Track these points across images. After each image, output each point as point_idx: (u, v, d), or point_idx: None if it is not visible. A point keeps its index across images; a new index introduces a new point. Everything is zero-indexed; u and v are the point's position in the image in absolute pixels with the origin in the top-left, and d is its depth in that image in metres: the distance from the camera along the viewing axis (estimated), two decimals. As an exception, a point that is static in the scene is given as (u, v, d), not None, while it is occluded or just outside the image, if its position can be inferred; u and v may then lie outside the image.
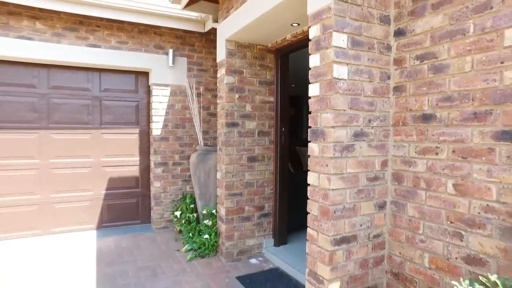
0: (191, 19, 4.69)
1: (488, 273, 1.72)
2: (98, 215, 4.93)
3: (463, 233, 1.89)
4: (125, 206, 5.10)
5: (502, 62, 1.70)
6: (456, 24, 1.91)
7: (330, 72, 2.09)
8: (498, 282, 1.44)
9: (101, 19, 4.51)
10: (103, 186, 4.97)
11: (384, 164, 2.32)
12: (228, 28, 3.61)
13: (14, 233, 4.47)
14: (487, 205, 1.77)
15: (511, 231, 1.67)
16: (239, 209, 3.84)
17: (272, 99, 4.01)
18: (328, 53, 2.10)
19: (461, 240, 1.90)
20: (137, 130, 5.16)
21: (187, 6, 4.01)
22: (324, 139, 2.16)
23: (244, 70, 3.83)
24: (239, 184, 3.83)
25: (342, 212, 2.15)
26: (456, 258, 1.92)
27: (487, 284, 1.49)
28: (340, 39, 2.08)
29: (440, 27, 2.00)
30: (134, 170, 5.14)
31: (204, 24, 4.81)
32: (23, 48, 4.16)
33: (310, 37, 2.26)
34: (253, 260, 3.87)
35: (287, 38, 3.55)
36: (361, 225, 2.24)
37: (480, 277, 1.57)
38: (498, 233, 1.73)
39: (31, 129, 4.52)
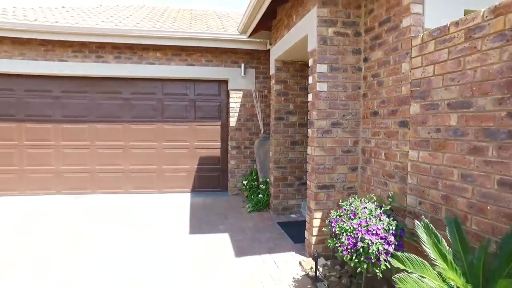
0: (256, 42, 6.37)
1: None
2: (191, 182, 7.05)
3: (388, 182, 3.19)
4: (209, 177, 7.12)
5: (401, 81, 2.98)
6: (386, 57, 3.20)
7: (316, 87, 3.56)
8: (374, 197, 2.79)
9: (196, 46, 6.51)
10: (196, 162, 7.06)
11: (355, 142, 3.68)
12: (275, 52, 5.21)
13: (143, 190, 6.84)
14: (396, 164, 3.06)
15: (404, 178, 2.95)
16: (283, 178, 5.44)
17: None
18: (315, 76, 3.57)
19: (386, 186, 3.20)
20: (219, 123, 7.11)
21: (250, 35, 5.72)
22: (313, 126, 3.64)
23: (288, 80, 5.38)
24: (284, 160, 5.42)
25: (323, 170, 3.61)
26: (385, 197, 3.23)
27: (371, 200, 2.84)
28: (322, 68, 3.53)
29: (380, 58, 3.29)
30: (216, 152, 7.12)
31: (266, 43, 6.45)
32: (149, 70, 6.44)
33: (309, 65, 3.75)
34: (292, 215, 5.44)
35: (316, 57, 4.98)
36: (337, 179, 3.65)
37: (368, 196, 2.92)
38: (399, 180, 3.02)
39: (152, 122, 6.82)
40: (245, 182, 6.41)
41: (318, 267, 3.36)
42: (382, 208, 2.64)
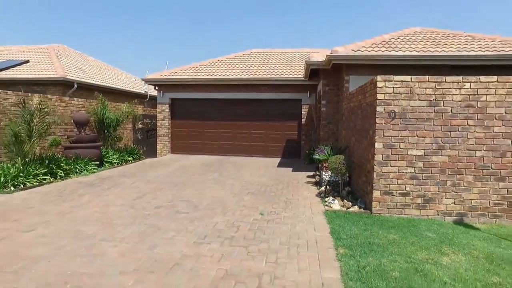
0: (315, 80, 12.52)
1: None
2: (281, 152, 13.66)
3: (342, 141, 9.17)
4: (290, 149, 13.60)
5: (343, 109, 8.96)
6: (341, 99, 9.17)
7: (321, 109, 9.73)
8: (330, 144, 8.90)
9: (284, 84, 13.01)
10: (284, 142, 13.63)
11: (337, 130, 9.70)
12: (318, 88, 11.39)
13: (258, 155, 13.77)
14: (343, 136, 9.05)
15: (341, 139, 8.94)
16: (321, 148, 11.58)
17: (335, 111, 11.49)
18: (320, 105, 9.75)
19: (342, 143, 9.19)
20: (296, 122, 13.52)
21: (309, 79, 11.99)
22: (320, 124, 9.81)
23: (324, 102, 11.49)
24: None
25: (324, 139, 9.75)
26: (340, 145, 9.21)
27: (328, 145, 8.94)
28: (323, 102, 9.70)
29: (342, 99, 9.26)
30: (295, 137, 13.55)
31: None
32: (262, 95, 13.30)
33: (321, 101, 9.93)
34: (325, 165, 11.55)
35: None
36: (328, 144, 9.73)
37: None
38: (343, 140, 9.01)
39: (262, 121, 13.66)
40: (307, 152, 12.69)
41: (317, 172, 9.53)
42: (329, 145, 8.75)
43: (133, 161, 12.27)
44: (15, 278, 3.23)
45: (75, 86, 13.74)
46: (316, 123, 12.03)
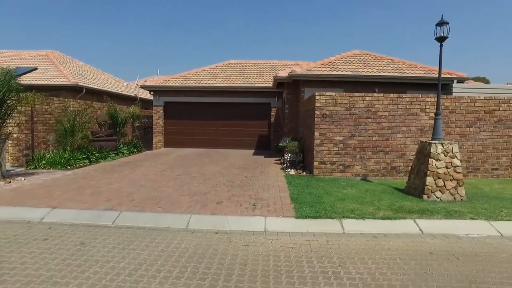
0: (281, 88, 16.07)
1: (298, 140, 12.62)
2: (255, 145, 17.13)
3: (298, 134, 12.75)
4: (262, 143, 17.10)
5: (300, 112, 12.54)
6: (299, 104, 12.75)
7: (285, 112, 13.28)
8: (291, 137, 12.48)
9: (257, 91, 16.48)
10: (257, 137, 17.11)
11: (297, 125, 13.29)
12: (284, 95, 14.95)
13: (236, 147, 17.16)
14: (301, 130, 12.64)
15: (298, 131, 12.53)
16: (286, 141, 15.14)
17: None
18: (284, 108, 13.30)
19: (300, 135, 12.77)
20: (267, 121, 17.04)
21: (277, 88, 15.51)
22: (284, 122, 13.36)
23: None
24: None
25: (287, 133, 13.31)
26: (297, 137, 12.79)
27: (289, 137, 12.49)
28: (286, 106, 13.25)
29: (299, 105, 12.84)
30: (266, 133, 17.06)
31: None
32: (240, 99, 16.73)
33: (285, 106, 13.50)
34: (289, 154, 15.13)
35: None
36: (289, 136, 13.30)
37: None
38: (295, 133, 12.61)
39: (240, 120, 17.09)
40: (275, 144, 16.20)
41: (282, 157, 13.06)
42: (290, 137, 12.29)
43: (137, 152, 15.26)
44: (129, 196, 6.48)
45: (84, 91, 16.48)
46: (282, 122, 15.54)
